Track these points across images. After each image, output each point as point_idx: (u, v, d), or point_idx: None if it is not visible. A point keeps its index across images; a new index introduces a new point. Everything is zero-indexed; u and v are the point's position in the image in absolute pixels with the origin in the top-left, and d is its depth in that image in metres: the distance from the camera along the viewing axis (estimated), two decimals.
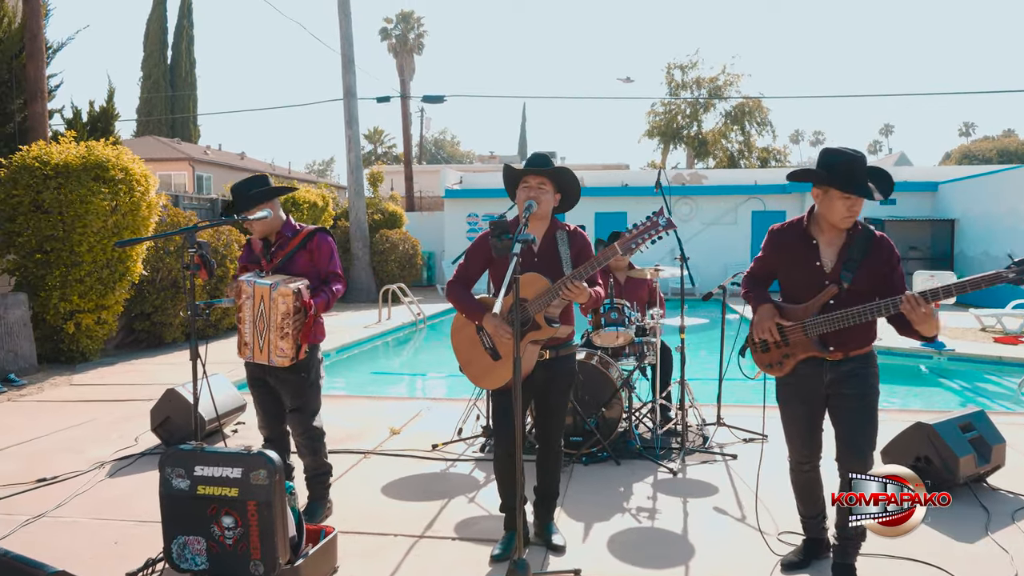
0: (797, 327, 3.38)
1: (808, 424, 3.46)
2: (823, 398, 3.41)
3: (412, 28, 45.94)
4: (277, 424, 4.19)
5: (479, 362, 3.71)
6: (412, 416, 6.74)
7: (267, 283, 3.75)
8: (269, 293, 3.73)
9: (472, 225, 23.67)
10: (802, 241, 3.42)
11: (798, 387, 3.44)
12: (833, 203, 3.27)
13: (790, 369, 3.44)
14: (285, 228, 4.11)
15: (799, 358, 3.40)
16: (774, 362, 3.50)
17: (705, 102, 33.66)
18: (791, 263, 3.44)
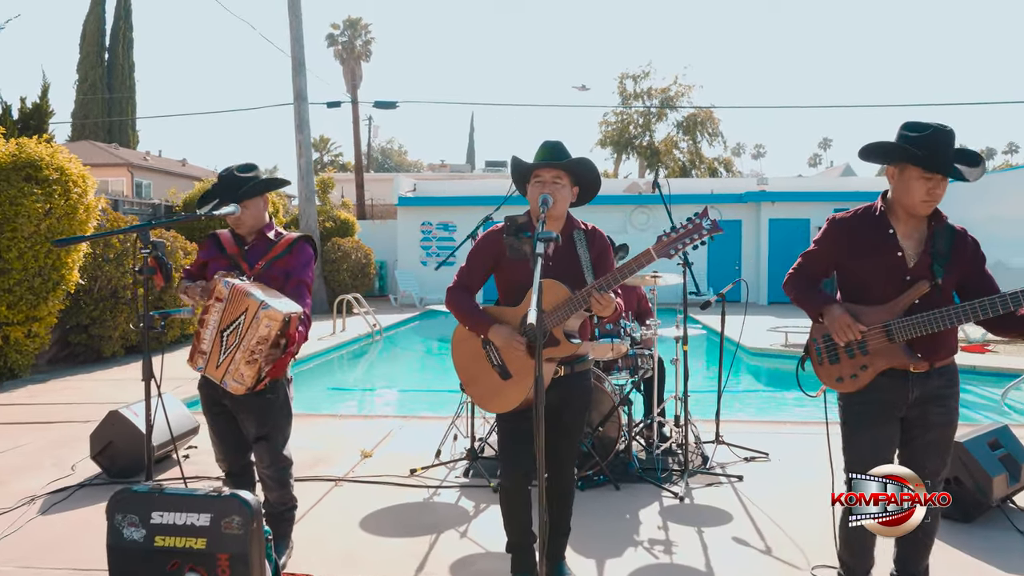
0: (878, 330, 2.89)
1: (884, 452, 2.95)
2: (900, 419, 2.96)
3: (359, 35, 45.22)
4: (239, 455, 3.61)
5: (485, 381, 3.21)
6: (383, 436, 6.19)
7: (257, 296, 3.17)
8: (256, 309, 3.16)
9: (426, 234, 23.10)
10: (877, 229, 2.94)
11: (877, 406, 2.94)
12: (910, 184, 2.82)
13: (867, 383, 2.94)
14: (267, 229, 3.57)
15: (879, 369, 2.90)
16: (846, 375, 2.98)
17: (657, 112, 33.70)
18: (863, 255, 2.94)
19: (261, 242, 3.52)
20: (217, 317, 3.26)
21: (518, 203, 7.22)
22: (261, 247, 3.51)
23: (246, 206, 3.44)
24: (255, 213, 3.49)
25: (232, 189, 3.44)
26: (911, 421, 2.96)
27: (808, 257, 3.16)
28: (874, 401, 2.94)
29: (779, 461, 5.42)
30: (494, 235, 3.30)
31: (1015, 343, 12.71)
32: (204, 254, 3.61)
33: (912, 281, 2.87)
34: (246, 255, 3.49)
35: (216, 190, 3.50)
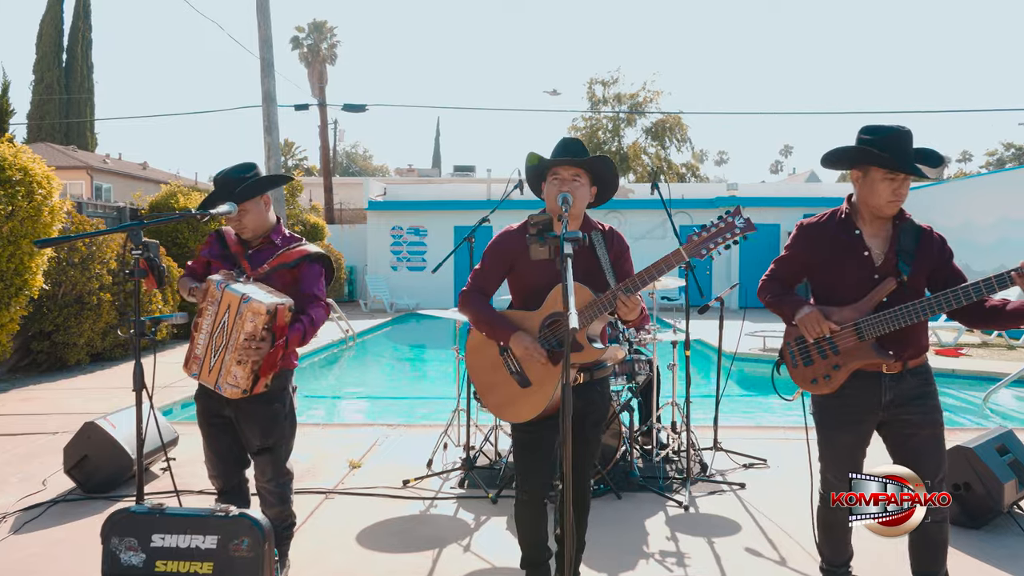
0: (848, 330, 2.89)
1: (857, 451, 2.95)
2: (876, 421, 2.93)
3: (325, 38, 44.81)
4: (236, 471, 3.39)
5: (503, 389, 3.05)
6: (369, 446, 5.98)
7: (238, 291, 2.98)
8: (238, 304, 2.97)
9: (397, 238, 22.83)
10: (844, 231, 2.96)
11: (849, 407, 2.92)
12: (875, 185, 2.84)
13: (841, 383, 2.92)
14: (274, 234, 3.37)
15: (851, 368, 2.89)
16: (820, 376, 2.97)
17: (627, 117, 33.78)
18: (832, 257, 2.96)
19: (267, 246, 3.33)
20: (211, 320, 3.06)
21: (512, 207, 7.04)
22: (268, 252, 3.31)
23: (245, 209, 3.24)
24: (256, 216, 3.29)
25: (228, 192, 3.24)
26: (893, 425, 2.93)
27: (780, 263, 3.17)
28: (845, 402, 2.93)
29: (778, 468, 5.34)
30: (510, 235, 3.16)
31: (988, 346, 12.89)
32: (207, 252, 3.40)
33: (879, 279, 2.88)
34: (250, 257, 3.29)
35: (213, 197, 3.28)
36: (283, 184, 3.61)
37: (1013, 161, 56.72)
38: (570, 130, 34.83)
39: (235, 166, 3.33)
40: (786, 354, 3.10)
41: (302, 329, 3.19)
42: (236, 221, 3.26)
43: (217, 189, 3.28)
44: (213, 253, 3.36)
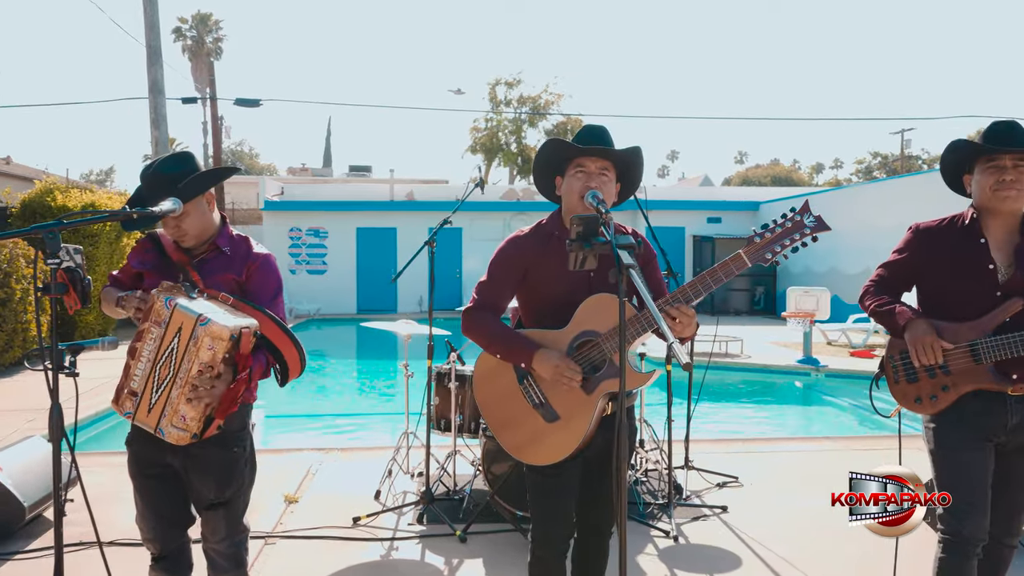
0: (963, 351, 2.59)
1: (987, 476, 2.59)
2: (994, 446, 2.63)
3: (210, 31, 42.75)
4: (178, 533, 2.71)
5: (524, 426, 2.54)
6: (303, 475, 5.32)
7: (193, 310, 2.34)
8: (192, 326, 2.33)
9: (295, 240, 21.74)
10: (967, 238, 2.66)
11: (968, 427, 2.61)
12: (980, 180, 2.61)
13: (948, 405, 2.63)
14: (220, 238, 2.71)
15: (962, 392, 2.61)
16: (925, 395, 2.68)
17: (529, 119, 33.65)
18: (951, 266, 2.66)
19: (215, 255, 2.68)
20: (154, 346, 2.40)
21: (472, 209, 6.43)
22: (218, 261, 2.67)
23: (186, 212, 2.58)
24: (200, 219, 2.63)
25: (163, 190, 2.56)
26: (1010, 452, 2.65)
27: (889, 268, 2.84)
28: (962, 422, 2.63)
29: (751, 485, 5.06)
30: (522, 241, 2.66)
31: None
32: (139, 261, 2.68)
33: (1004, 297, 2.58)
34: (198, 267, 2.63)
35: (142, 195, 2.59)
36: (232, 175, 2.93)
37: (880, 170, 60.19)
38: (472, 131, 34.45)
39: (168, 157, 2.66)
40: (888, 367, 2.80)
41: (265, 360, 2.58)
42: (174, 227, 2.59)
43: (147, 186, 2.59)
44: (147, 263, 2.67)
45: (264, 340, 2.54)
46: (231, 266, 2.66)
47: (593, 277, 2.55)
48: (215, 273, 2.62)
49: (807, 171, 76.34)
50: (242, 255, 2.70)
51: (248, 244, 2.76)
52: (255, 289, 2.68)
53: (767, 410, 9.06)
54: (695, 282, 2.41)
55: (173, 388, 2.38)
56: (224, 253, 2.67)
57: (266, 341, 2.55)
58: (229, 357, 2.40)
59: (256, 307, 2.57)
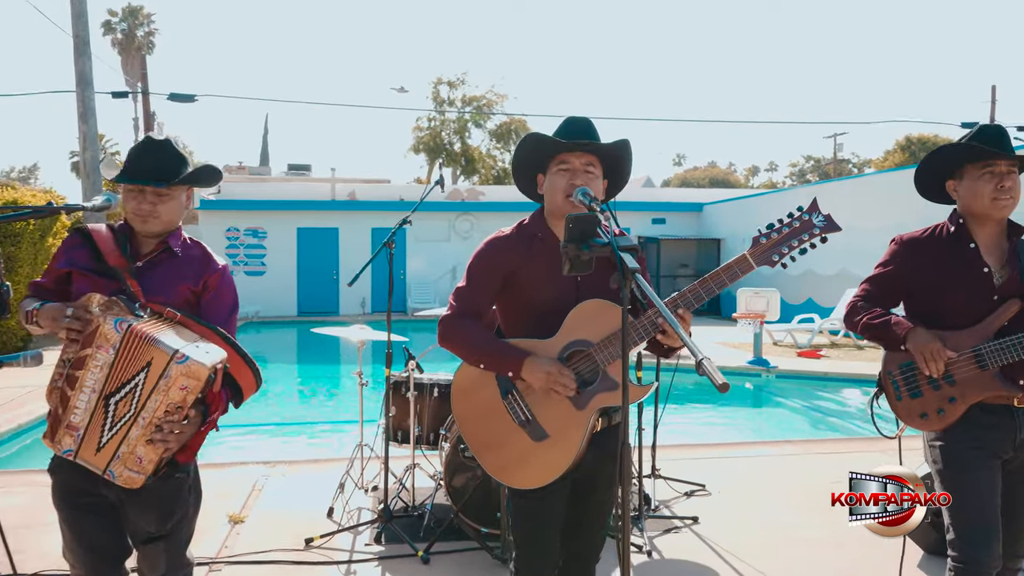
0: (967, 358, 2.47)
1: (996, 497, 2.46)
2: (1002, 463, 2.50)
3: (141, 24, 41.41)
4: (113, 568, 2.39)
5: (508, 445, 2.30)
6: (248, 491, 4.97)
7: (166, 345, 2.03)
8: (166, 364, 2.03)
9: (233, 240, 21.03)
10: (956, 245, 2.55)
11: (978, 444, 2.48)
12: (975, 186, 2.49)
13: (956, 418, 2.50)
14: (173, 238, 2.39)
15: (970, 402, 2.48)
16: (932, 410, 2.53)
17: (472, 119, 33.39)
18: (943, 276, 2.54)
19: (165, 257, 2.37)
20: (100, 375, 2.07)
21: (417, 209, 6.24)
22: (167, 266, 2.36)
23: (170, 195, 2.32)
24: (177, 209, 2.37)
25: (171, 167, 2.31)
26: (1016, 469, 2.54)
27: (875, 282, 2.71)
28: (979, 439, 2.49)
29: (719, 493, 4.92)
30: (504, 242, 2.43)
31: (837, 347, 13.43)
32: (67, 259, 2.33)
33: (1000, 301, 2.49)
34: (139, 272, 2.31)
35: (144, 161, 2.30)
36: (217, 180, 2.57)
37: (813, 173, 61.69)
38: (415, 130, 34.03)
39: (163, 139, 2.39)
40: (887, 384, 2.65)
41: (226, 395, 2.29)
42: (150, 206, 2.29)
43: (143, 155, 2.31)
44: (78, 262, 2.32)
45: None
46: (184, 274, 2.36)
47: (581, 282, 2.34)
48: (165, 282, 2.32)
49: (743, 174, 77.91)
50: (198, 263, 2.41)
51: (205, 252, 2.46)
52: (211, 305, 2.38)
53: (721, 412, 9.00)
54: (696, 287, 2.22)
55: (133, 428, 2.09)
56: (175, 255, 2.36)
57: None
58: (200, 397, 2.12)
59: (210, 327, 2.28)
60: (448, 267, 21.75)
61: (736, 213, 20.58)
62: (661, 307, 1.78)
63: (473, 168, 33.03)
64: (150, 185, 2.26)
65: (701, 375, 1.54)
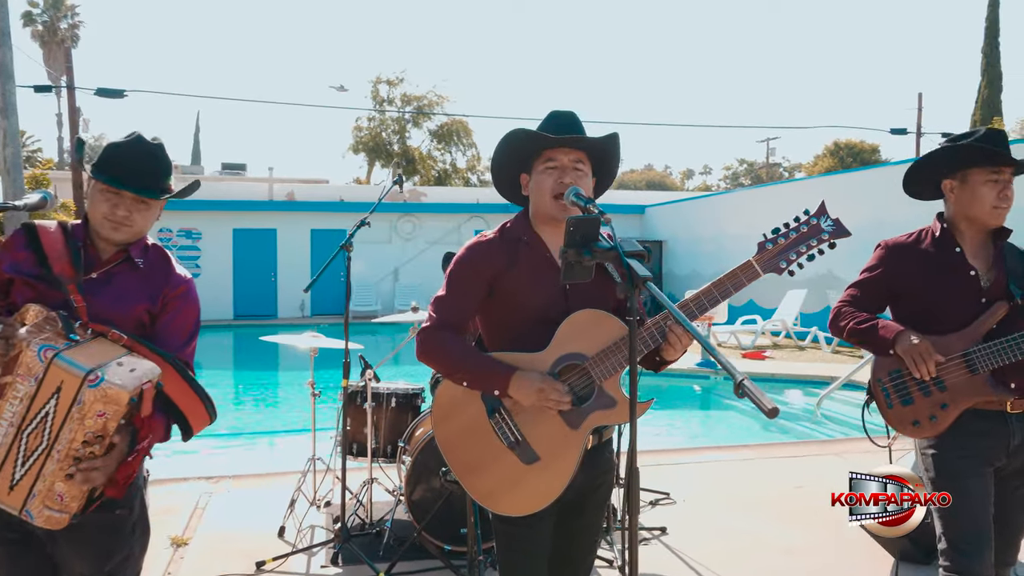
0: (956, 362, 2.42)
1: (989, 506, 2.41)
2: (995, 471, 2.45)
3: (64, 16, 39.88)
4: None
5: (496, 469, 2.11)
6: (191, 508, 4.67)
7: (78, 366, 1.78)
8: (78, 387, 1.78)
9: (166, 242, 20.25)
10: (942, 249, 2.51)
11: (971, 451, 2.43)
12: (977, 190, 2.44)
13: (949, 424, 2.44)
14: (135, 248, 2.13)
15: (962, 407, 2.43)
16: (924, 417, 2.48)
17: (413, 119, 32.99)
18: (929, 280, 2.50)
19: (124, 268, 2.11)
20: (20, 408, 1.81)
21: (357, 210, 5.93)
22: (125, 278, 2.10)
23: (147, 205, 2.09)
24: (150, 219, 2.13)
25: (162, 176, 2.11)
26: (1008, 476, 2.49)
27: (861, 287, 2.65)
28: (972, 447, 2.44)
29: (684, 502, 4.83)
30: (490, 246, 2.24)
31: (779, 347, 13.61)
32: (10, 263, 2.03)
33: (988, 303, 2.45)
34: (89, 286, 2.04)
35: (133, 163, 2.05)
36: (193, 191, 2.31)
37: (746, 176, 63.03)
38: (354, 129, 33.45)
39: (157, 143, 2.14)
40: (877, 391, 2.58)
41: (165, 421, 2.05)
42: (125, 213, 2.05)
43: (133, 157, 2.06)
44: (23, 267, 2.03)
45: (164, 397, 2.01)
46: (143, 291, 2.10)
47: (571, 290, 2.17)
48: (121, 299, 2.06)
49: (679, 176, 79.17)
50: (160, 275, 2.16)
51: (167, 262, 2.21)
52: (168, 327, 2.13)
53: (673, 416, 8.99)
54: (700, 296, 2.10)
55: (47, 462, 1.82)
56: (137, 267, 2.11)
57: (167, 397, 2.02)
58: (126, 423, 1.88)
59: (163, 355, 2.03)
60: (390, 269, 21.42)
61: (676, 215, 20.81)
62: (683, 319, 1.62)
63: (414, 169, 32.63)
64: (141, 195, 2.02)
65: (741, 397, 1.38)
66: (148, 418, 1.95)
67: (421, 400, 4.49)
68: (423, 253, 21.54)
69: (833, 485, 2.81)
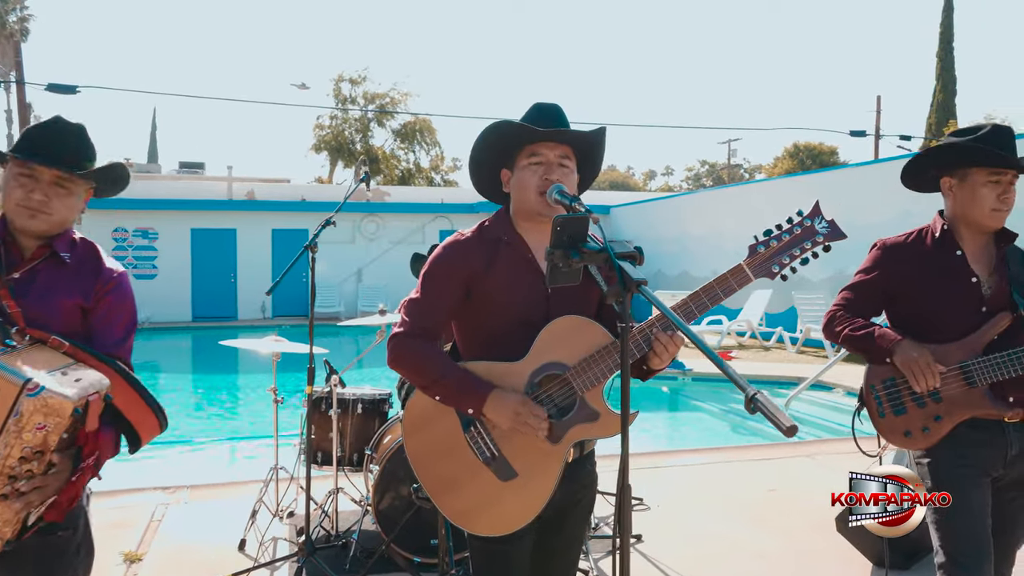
0: (954, 374, 2.34)
1: (988, 517, 2.33)
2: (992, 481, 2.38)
3: (12, 9, 38.73)
4: None
5: (471, 485, 1.98)
6: (147, 522, 4.46)
7: (16, 373, 1.61)
8: (16, 397, 1.61)
9: (121, 242, 19.76)
10: (942, 252, 2.41)
11: (968, 461, 2.34)
12: (976, 191, 2.34)
13: (941, 437, 2.36)
14: (60, 241, 1.96)
15: (956, 420, 2.35)
16: (916, 428, 2.39)
17: (376, 117, 32.64)
18: (928, 284, 2.41)
19: (52, 265, 1.94)
20: None
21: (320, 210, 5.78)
22: (53, 275, 1.93)
23: (68, 189, 1.92)
24: (72, 207, 1.96)
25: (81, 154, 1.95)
26: (1006, 487, 2.41)
27: (856, 290, 2.55)
28: (969, 457, 2.36)
29: (658, 507, 4.75)
30: (467, 246, 2.10)
31: (744, 348, 13.67)
32: None
33: (989, 313, 2.36)
34: (22, 284, 1.87)
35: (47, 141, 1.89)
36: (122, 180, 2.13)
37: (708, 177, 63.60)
38: (316, 128, 32.98)
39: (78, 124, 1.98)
40: (869, 400, 2.47)
41: (114, 436, 1.89)
42: (41, 197, 1.88)
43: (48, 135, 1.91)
44: None
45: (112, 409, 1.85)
46: (73, 286, 1.94)
47: (552, 294, 2.05)
48: (48, 298, 1.89)
49: (641, 177, 79.68)
50: (89, 270, 1.99)
51: (96, 256, 2.04)
52: (103, 323, 1.97)
53: (641, 418, 8.86)
54: (687, 301, 1.98)
55: None
56: (63, 263, 1.94)
57: (115, 408, 1.85)
58: (69, 437, 1.71)
59: (107, 361, 1.87)
60: (353, 269, 21.14)
61: (641, 216, 20.86)
62: (688, 331, 1.51)
63: (377, 168, 32.27)
64: (52, 168, 1.85)
65: (752, 413, 1.25)
66: (94, 433, 1.80)
67: (388, 406, 4.33)
68: (387, 253, 21.30)
69: (806, 488, 2.72)
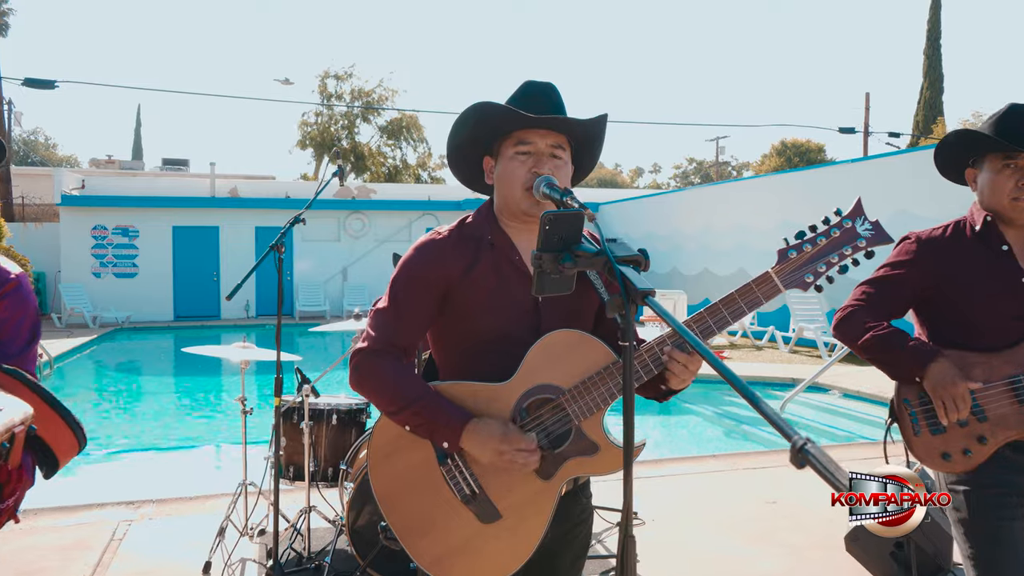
0: (1001, 389, 2.05)
1: None
2: None
3: None
4: None
5: (447, 528, 1.70)
6: (106, 541, 4.14)
7: None
8: None
9: (100, 239, 19.33)
10: (985, 247, 2.13)
11: (1015, 488, 2.07)
12: (993, 179, 2.11)
13: (983, 460, 2.07)
14: None
15: (1001, 442, 2.06)
16: (956, 450, 2.10)
17: (361, 114, 32.23)
18: (971, 283, 2.12)
19: None
20: None
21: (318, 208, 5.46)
22: None
23: None
24: None
25: None
26: None
27: (879, 286, 2.23)
28: (1012, 484, 2.08)
29: (653, 522, 4.47)
30: (444, 247, 1.81)
31: (736, 347, 13.43)
32: None
33: None
34: None
35: None
36: None
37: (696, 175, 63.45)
38: (301, 124, 32.53)
39: None
40: (902, 415, 2.18)
41: (31, 464, 1.59)
42: None
43: None
44: None
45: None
46: None
47: (542, 304, 1.76)
48: None
49: (628, 174, 79.55)
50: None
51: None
52: (3, 330, 1.67)
53: None
54: (705, 316, 1.69)
55: None
56: None
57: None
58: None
59: (15, 374, 1.57)
60: (338, 268, 20.80)
61: (630, 213, 20.60)
62: (704, 350, 1.23)
63: (363, 165, 31.88)
64: None
65: (800, 468, 0.96)
66: (17, 470, 1.50)
67: (366, 416, 4.05)
68: (373, 252, 20.96)
69: (809, 500, 2.44)
